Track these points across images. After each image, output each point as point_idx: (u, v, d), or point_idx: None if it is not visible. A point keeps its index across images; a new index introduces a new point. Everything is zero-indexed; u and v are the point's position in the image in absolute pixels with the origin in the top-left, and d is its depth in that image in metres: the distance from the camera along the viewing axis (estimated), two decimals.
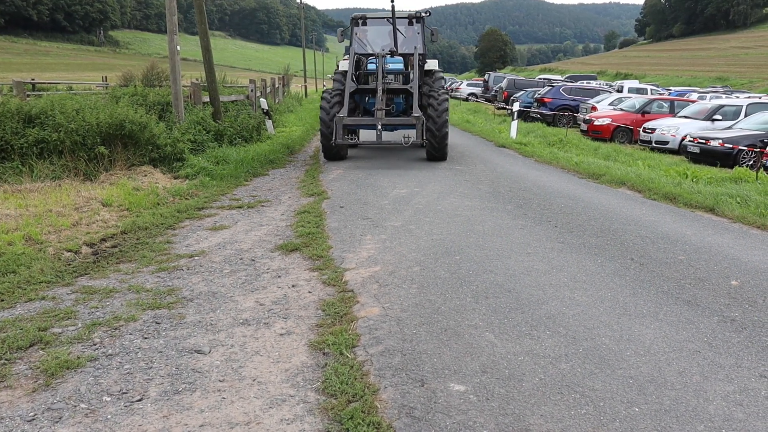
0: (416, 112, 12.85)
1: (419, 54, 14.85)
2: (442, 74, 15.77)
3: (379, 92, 13.13)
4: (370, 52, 14.89)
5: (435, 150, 13.57)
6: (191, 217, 8.47)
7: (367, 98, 14.28)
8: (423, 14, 15.87)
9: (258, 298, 5.37)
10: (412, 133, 13.19)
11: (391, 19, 14.88)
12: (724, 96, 29.77)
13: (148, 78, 25.80)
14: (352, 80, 13.55)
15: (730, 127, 16.84)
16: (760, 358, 4.23)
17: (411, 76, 14.06)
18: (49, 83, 26.36)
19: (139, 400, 3.63)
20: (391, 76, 13.83)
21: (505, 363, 4.10)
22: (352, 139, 13.39)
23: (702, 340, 4.50)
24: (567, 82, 40.38)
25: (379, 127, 12.74)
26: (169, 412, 3.50)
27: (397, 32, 14.86)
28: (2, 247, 6.31)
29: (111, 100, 13.80)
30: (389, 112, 13.88)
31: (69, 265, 6.25)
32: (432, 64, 15.59)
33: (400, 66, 14.08)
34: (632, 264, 6.31)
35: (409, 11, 15.92)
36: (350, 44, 15.56)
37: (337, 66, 15.16)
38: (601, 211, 8.81)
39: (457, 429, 3.33)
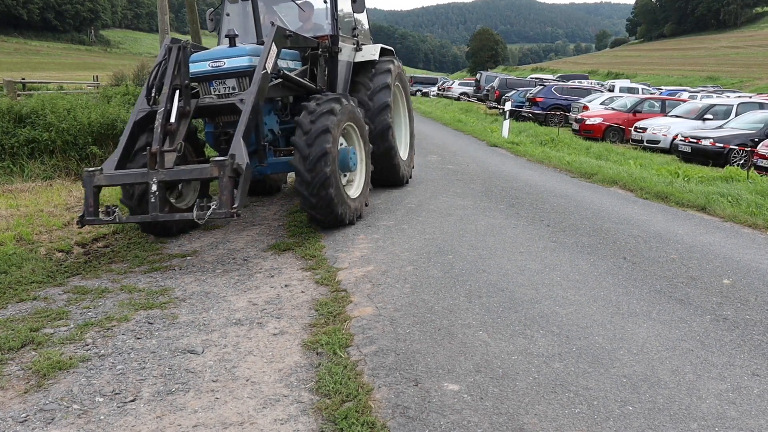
0: (235, 149, 6.19)
1: (329, 36, 8.93)
2: (391, 65, 9.97)
3: (160, 117, 6.49)
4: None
5: (313, 208, 7.23)
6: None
7: (205, 124, 7.94)
8: None
9: (251, 297, 5.36)
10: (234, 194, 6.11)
11: None
12: (714, 95, 29.92)
13: (140, 77, 25.66)
14: (147, 98, 7.06)
15: (721, 127, 16.97)
16: (753, 356, 4.25)
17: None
18: (39, 83, 26.20)
19: (132, 401, 3.62)
20: (231, 82, 7.30)
21: (498, 362, 4.10)
22: (110, 213, 6.26)
23: (695, 338, 4.52)
24: (558, 81, 40.58)
25: (153, 188, 6.13)
26: (163, 413, 3.49)
27: (279, 7, 9.49)
28: None
29: (102, 99, 13.76)
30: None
31: (61, 265, 6.23)
32: (369, 52, 9.88)
33: (243, 62, 7.19)
34: (625, 263, 6.33)
35: None
36: (218, 33, 9.42)
37: None
38: (593, 210, 8.83)
39: (451, 428, 3.33)
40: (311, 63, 8.73)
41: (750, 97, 24.67)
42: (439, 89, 53.43)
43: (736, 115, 17.86)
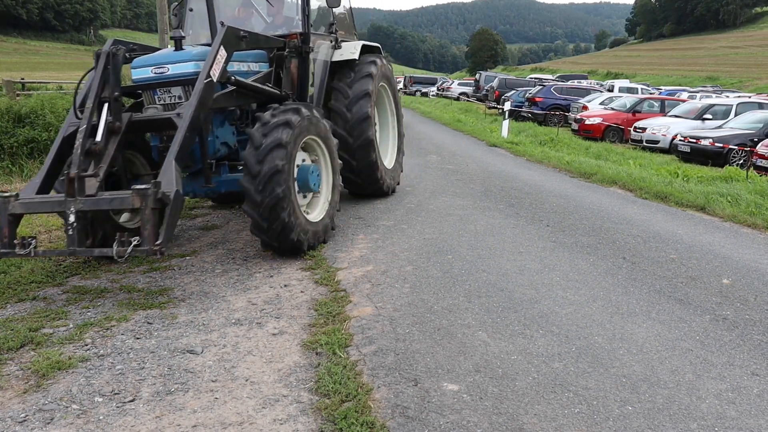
0: (164, 174, 5.31)
1: (299, 34, 7.81)
2: (372, 68, 8.87)
3: (81, 136, 5.54)
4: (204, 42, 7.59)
5: (264, 233, 6.27)
6: (183, 217, 8.45)
7: (151, 137, 6.94)
8: None
9: (250, 297, 5.36)
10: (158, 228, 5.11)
11: None
12: (714, 95, 29.92)
13: None
14: (78, 112, 6.01)
15: (720, 127, 16.97)
16: (752, 356, 4.25)
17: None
18: (39, 82, 26.14)
19: (132, 401, 3.61)
20: (177, 91, 6.39)
21: (498, 362, 4.10)
22: (26, 246, 5.31)
23: (694, 338, 4.52)
24: (558, 81, 40.54)
25: (71, 218, 5.20)
26: (162, 413, 3.49)
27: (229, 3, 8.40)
28: None
29: None
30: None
31: (60, 265, 6.22)
32: (348, 50, 8.78)
33: (188, 68, 6.25)
34: (624, 263, 6.32)
35: None
36: (182, 29, 7.94)
37: None
38: (592, 210, 8.83)
39: (450, 428, 3.33)
40: (276, 65, 7.76)
41: (749, 97, 24.68)
42: (438, 89, 53.41)
43: (736, 115, 17.87)
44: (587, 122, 21.55)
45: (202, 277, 5.94)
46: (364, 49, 9.06)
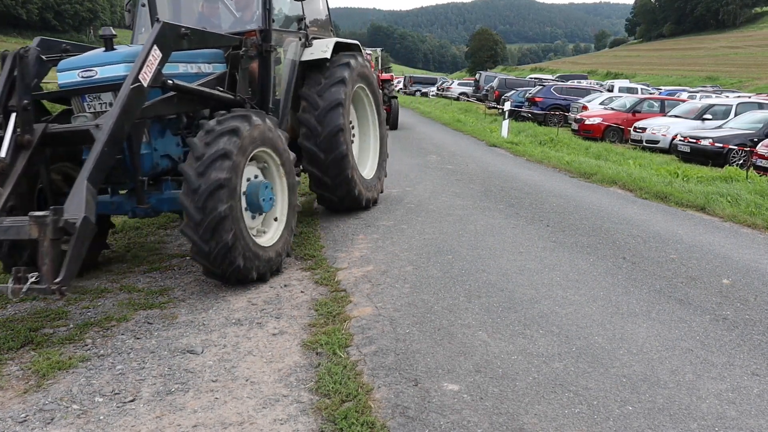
0: (72, 199, 4.40)
1: (259, 31, 6.94)
2: (345, 72, 7.84)
3: None
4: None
5: (206, 258, 5.27)
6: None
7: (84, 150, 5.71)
8: None
9: (250, 297, 5.36)
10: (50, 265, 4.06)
11: None
12: (714, 95, 29.91)
13: None
14: None
15: (720, 127, 16.97)
16: (752, 356, 4.25)
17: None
18: None
19: (132, 401, 3.62)
20: (108, 97, 5.49)
21: (498, 362, 4.10)
22: None
23: (694, 338, 4.52)
24: (558, 81, 40.52)
25: None
26: (162, 413, 3.49)
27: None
28: None
29: None
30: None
31: None
32: (319, 49, 7.85)
33: (118, 71, 5.31)
34: (624, 263, 6.32)
35: None
36: (133, 29, 7.93)
37: None
38: (592, 210, 8.83)
39: (451, 428, 3.33)
40: (232, 66, 6.79)
41: (749, 97, 24.67)
42: (438, 89, 53.39)
43: (735, 115, 17.87)
44: (587, 122, 21.54)
45: (202, 276, 5.93)
46: (339, 47, 8.16)
